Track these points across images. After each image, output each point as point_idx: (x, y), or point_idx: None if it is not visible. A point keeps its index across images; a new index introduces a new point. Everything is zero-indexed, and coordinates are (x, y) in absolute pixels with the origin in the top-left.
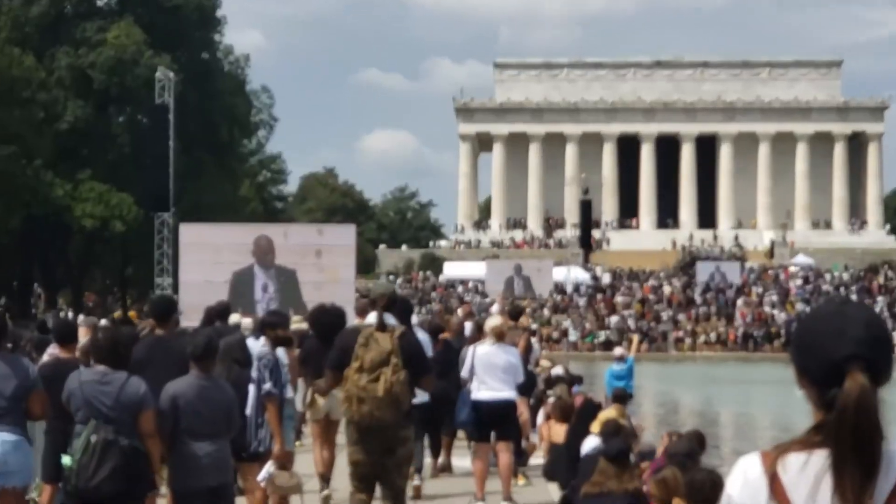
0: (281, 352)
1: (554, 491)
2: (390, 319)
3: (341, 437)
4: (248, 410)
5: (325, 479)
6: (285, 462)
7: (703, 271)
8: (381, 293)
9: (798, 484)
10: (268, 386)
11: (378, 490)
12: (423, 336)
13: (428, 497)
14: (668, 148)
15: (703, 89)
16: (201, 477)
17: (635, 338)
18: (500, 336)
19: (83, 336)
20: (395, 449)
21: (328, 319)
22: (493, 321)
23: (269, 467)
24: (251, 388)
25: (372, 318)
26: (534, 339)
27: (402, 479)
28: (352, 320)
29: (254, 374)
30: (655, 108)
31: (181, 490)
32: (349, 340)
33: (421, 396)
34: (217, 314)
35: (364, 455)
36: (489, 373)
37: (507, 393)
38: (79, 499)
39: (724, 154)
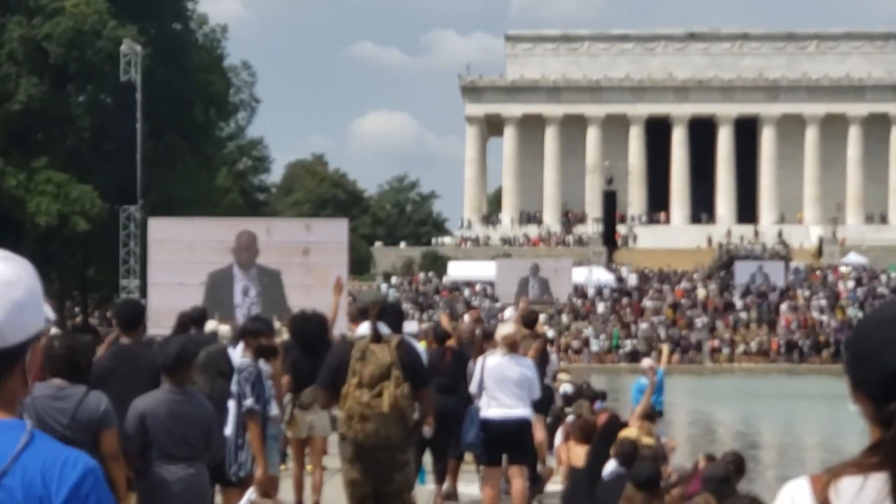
0: (262, 364)
1: None
2: (384, 329)
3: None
4: (228, 430)
5: None
6: (268, 488)
7: (742, 272)
8: (372, 301)
9: None
10: (249, 402)
11: None
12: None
13: None
14: (702, 131)
15: (743, 65)
16: None
17: (665, 348)
18: (512, 346)
19: None
20: (392, 476)
21: (309, 328)
22: (505, 329)
23: (249, 494)
24: (230, 404)
25: (364, 328)
26: (551, 350)
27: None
28: (344, 328)
29: (233, 387)
30: (688, 86)
31: None
32: (342, 355)
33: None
34: (192, 320)
35: (361, 475)
36: (501, 387)
37: (520, 410)
38: None
39: (767, 138)
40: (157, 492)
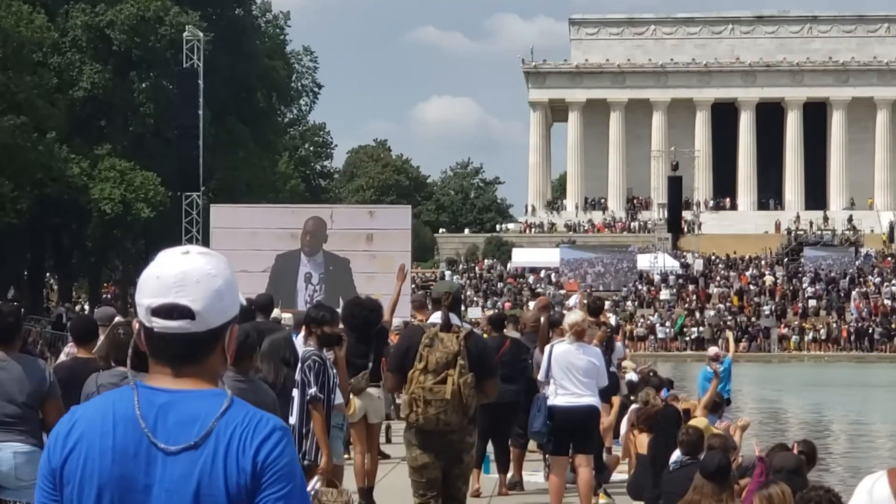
0: (327, 352)
1: None
2: (455, 319)
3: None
4: (293, 418)
5: (366, 493)
6: (333, 477)
7: (811, 258)
8: (445, 291)
9: None
10: (313, 390)
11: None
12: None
13: None
14: (770, 116)
15: (812, 48)
16: None
17: (731, 335)
18: (580, 334)
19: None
20: (461, 456)
21: (361, 313)
22: (573, 317)
23: (314, 483)
24: (295, 393)
25: (436, 317)
26: (616, 338)
27: (466, 486)
28: (406, 315)
29: (297, 376)
30: (756, 69)
31: None
32: (412, 340)
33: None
34: (259, 307)
35: (431, 458)
36: (568, 376)
37: (588, 399)
38: None
39: (836, 123)
40: None
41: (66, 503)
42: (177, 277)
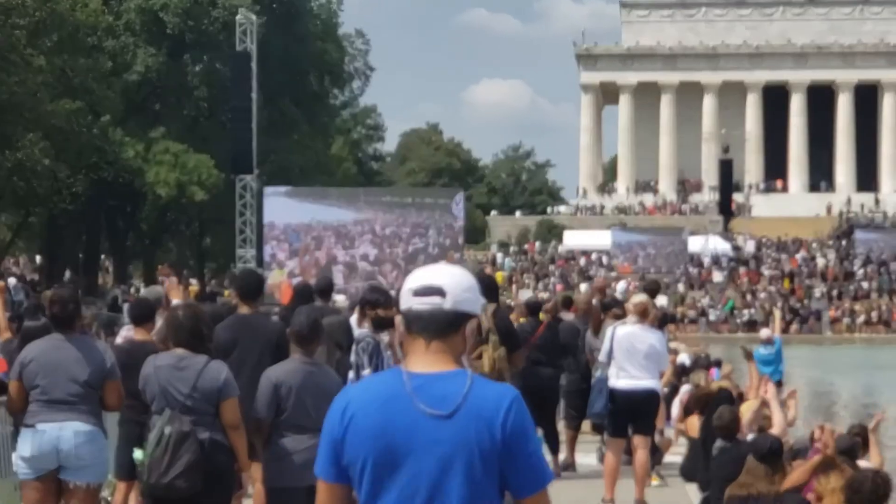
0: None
1: (693, 492)
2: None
3: None
4: None
5: None
6: None
7: (863, 241)
8: (475, 272)
9: None
10: (367, 371)
11: None
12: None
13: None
14: (821, 98)
15: (864, 30)
16: (302, 475)
17: (777, 313)
18: (643, 314)
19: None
20: None
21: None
22: (638, 297)
23: None
24: (350, 375)
25: None
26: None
27: None
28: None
29: (352, 358)
30: (807, 52)
31: (277, 489)
32: None
33: None
34: (318, 291)
35: None
36: (630, 358)
37: (648, 382)
38: (152, 497)
39: (888, 105)
40: (284, 461)
41: (347, 468)
42: (434, 269)
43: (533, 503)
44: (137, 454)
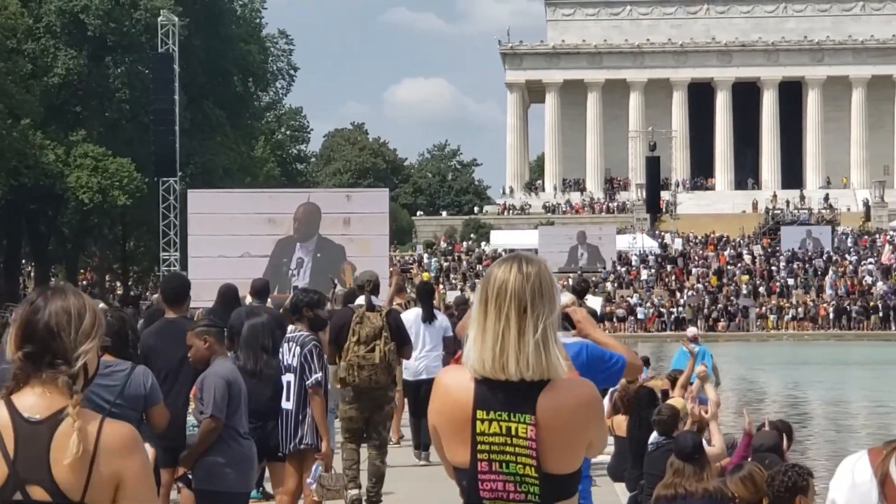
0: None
1: (621, 491)
2: (376, 301)
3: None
4: (289, 404)
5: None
6: (329, 462)
7: (788, 237)
8: (367, 279)
9: None
10: (319, 375)
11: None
12: (443, 319)
13: None
14: (746, 95)
15: (787, 27)
16: (248, 480)
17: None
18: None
19: None
20: (383, 405)
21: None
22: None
23: (316, 469)
24: (289, 378)
25: (361, 299)
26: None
27: (386, 431)
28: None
29: (293, 361)
30: (732, 49)
31: (232, 493)
32: (345, 319)
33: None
34: (255, 292)
35: (357, 412)
36: None
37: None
38: None
39: (812, 102)
40: (244, 463)
41: None
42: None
43: None
44: None
